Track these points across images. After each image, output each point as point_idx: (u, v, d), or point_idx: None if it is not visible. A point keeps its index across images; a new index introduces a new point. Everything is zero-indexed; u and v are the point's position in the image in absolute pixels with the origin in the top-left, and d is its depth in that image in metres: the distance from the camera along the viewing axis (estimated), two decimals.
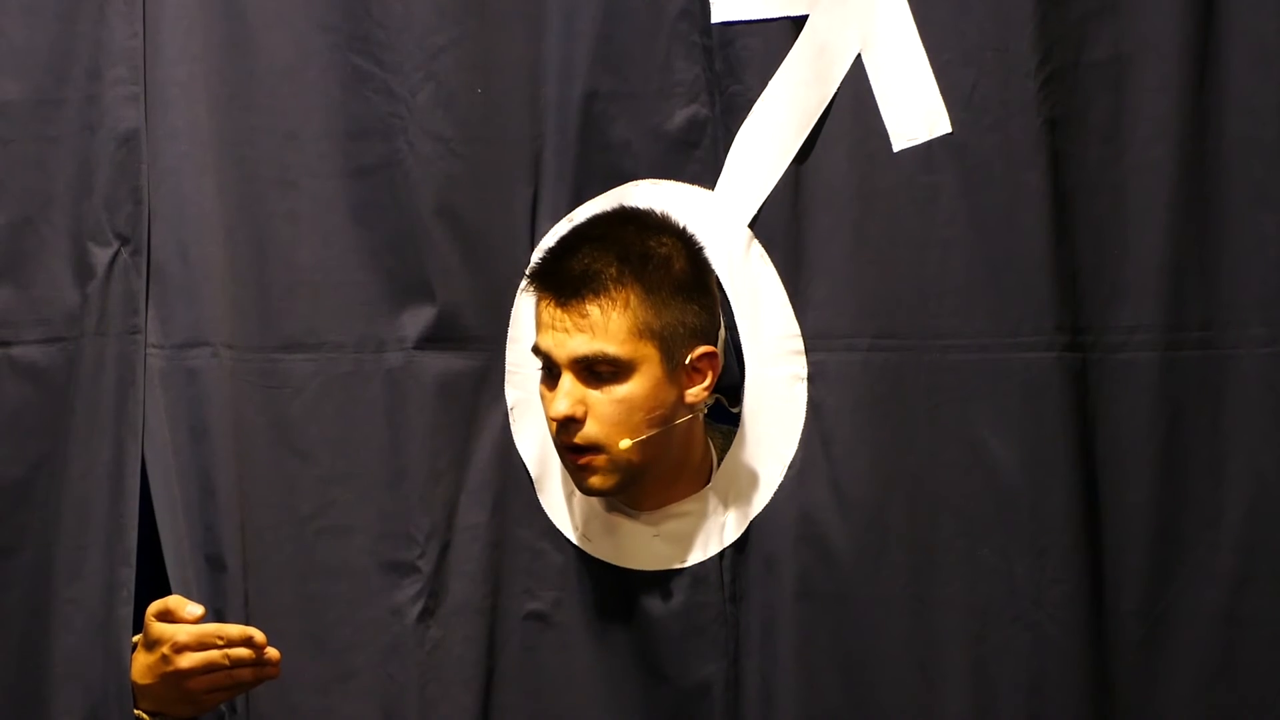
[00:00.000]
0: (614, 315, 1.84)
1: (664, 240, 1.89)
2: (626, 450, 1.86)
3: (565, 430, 1.86)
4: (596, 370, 1.85)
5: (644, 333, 1.85)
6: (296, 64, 1.98)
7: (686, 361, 1.88)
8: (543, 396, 1.90)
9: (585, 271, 1.85)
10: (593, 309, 1.84)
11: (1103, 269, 1.88)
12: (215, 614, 1.97)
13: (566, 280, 1.85)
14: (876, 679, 1.91)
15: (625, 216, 1.92)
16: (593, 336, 1.84)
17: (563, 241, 1.91)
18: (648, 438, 1.87)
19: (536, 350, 1.89)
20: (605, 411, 1.85)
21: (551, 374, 1.88)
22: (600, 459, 1.86)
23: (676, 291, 1.87)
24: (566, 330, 1.84)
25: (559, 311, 1.85)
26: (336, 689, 1.97)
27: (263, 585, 1.98)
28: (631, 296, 1.85)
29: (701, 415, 1.96)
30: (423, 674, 1.96)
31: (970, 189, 1.89)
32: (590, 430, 1.86)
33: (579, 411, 1.85)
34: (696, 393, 1.90)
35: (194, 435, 1.99)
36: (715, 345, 1.92)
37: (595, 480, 1.88)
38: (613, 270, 1.85)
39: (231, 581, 1.97)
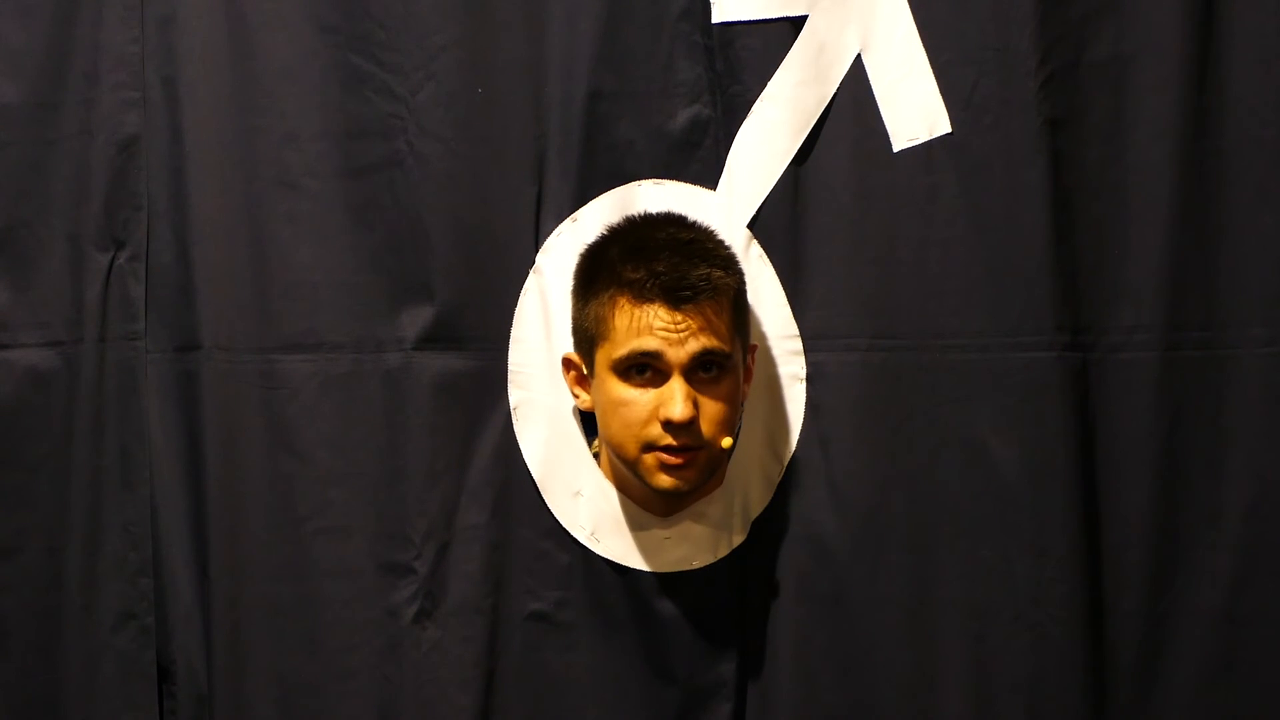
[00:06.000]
0: (723, 315, 1.84)
1: (724, 243, 1.90)
2: (726, 447, 1.86)
3: (681, 432, 1.83)
4: (706, 370, 1.84)
5: (736, 331, 1.86)
6: (296, 64, 1.97)
7: (746, 359, 1.90)
8: (624, 402, 1.85)
9: (694, 275, 1.82)
10: (708, 310, 1.83)
11: (1103, 269, 1.88)
12: (203, 616, 1.97)
13: (675, 284, 1.82)
14: (876, 679, 1.90)
15: (687, 222, 1.91)
16: (709, 337, 1.83)
17: (647, 248, 1.86)
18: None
19: (635, 355, 1.83)
20: (711, 411, 1.84)
21: (643, 376, 1.84)
22: (702, 456, 1.85)
23: (743, 291, 1.89)
24: (688, 329, 1.82)
25: (675, 314, 1.82)
26: (332, 689, 1.97)
27: (259, 585, 1.98)
28: (727, 298, 1.85)
29: None
30: (419, 675, 1.95)
31: (970, 189, 1.88)
32: (702, 430, 1.84)
33: (696, 413, 1.84)
34: (745, 389, 1.91)
35: (191, 436, 1.99)
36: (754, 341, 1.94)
37: (689, 476, 1.86)
38: (715, 272, 1.84)
39: (221, 584, 1.97)
